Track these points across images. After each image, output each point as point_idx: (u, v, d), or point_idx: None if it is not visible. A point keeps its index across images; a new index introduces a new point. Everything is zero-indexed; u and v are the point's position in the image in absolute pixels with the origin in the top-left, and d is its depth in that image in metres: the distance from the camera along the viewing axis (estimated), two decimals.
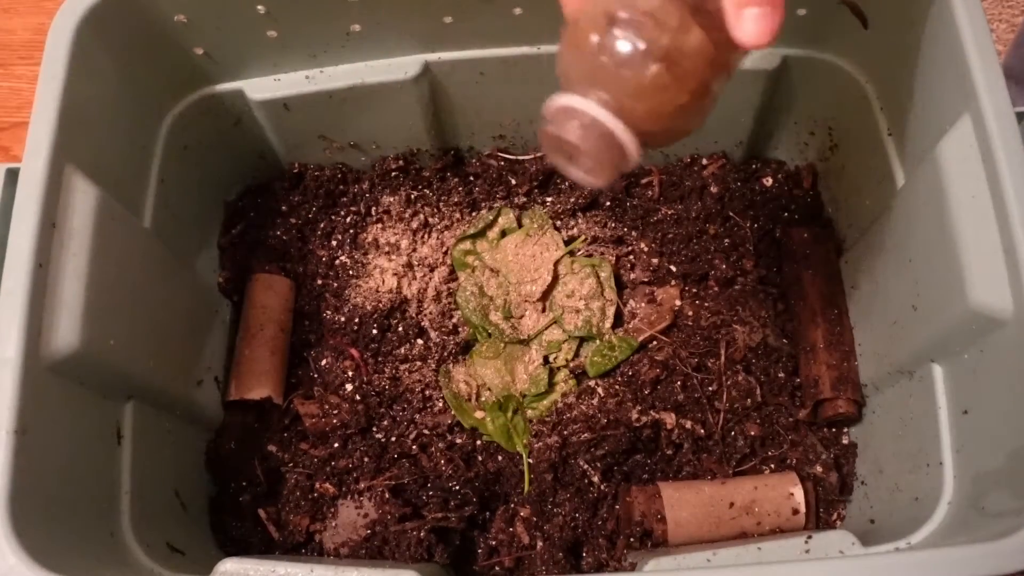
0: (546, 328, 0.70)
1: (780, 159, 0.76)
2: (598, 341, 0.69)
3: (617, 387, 0.67)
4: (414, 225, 0.74)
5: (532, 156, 0.75)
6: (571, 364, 0.69)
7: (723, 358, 0.67)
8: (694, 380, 0.66)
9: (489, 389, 0.68)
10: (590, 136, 0.38)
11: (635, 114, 0.38)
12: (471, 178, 0.76)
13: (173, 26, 0.58)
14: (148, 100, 0.62)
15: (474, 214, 0.75)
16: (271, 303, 0.69)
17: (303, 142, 0.72)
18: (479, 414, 0.67)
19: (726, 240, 0.72)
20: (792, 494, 0.60)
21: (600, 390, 0.67)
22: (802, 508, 0.59)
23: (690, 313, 0.69)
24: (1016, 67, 0.96)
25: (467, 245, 0.73)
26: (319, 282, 0.72)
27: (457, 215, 0.75)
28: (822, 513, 0.63)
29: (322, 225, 0.74)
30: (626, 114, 0.38)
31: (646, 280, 0.71)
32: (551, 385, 0.68)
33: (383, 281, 0.71)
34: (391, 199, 0.74)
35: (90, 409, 0.52)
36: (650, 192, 0.75)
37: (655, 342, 0.68)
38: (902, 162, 0.59)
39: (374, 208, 0.74)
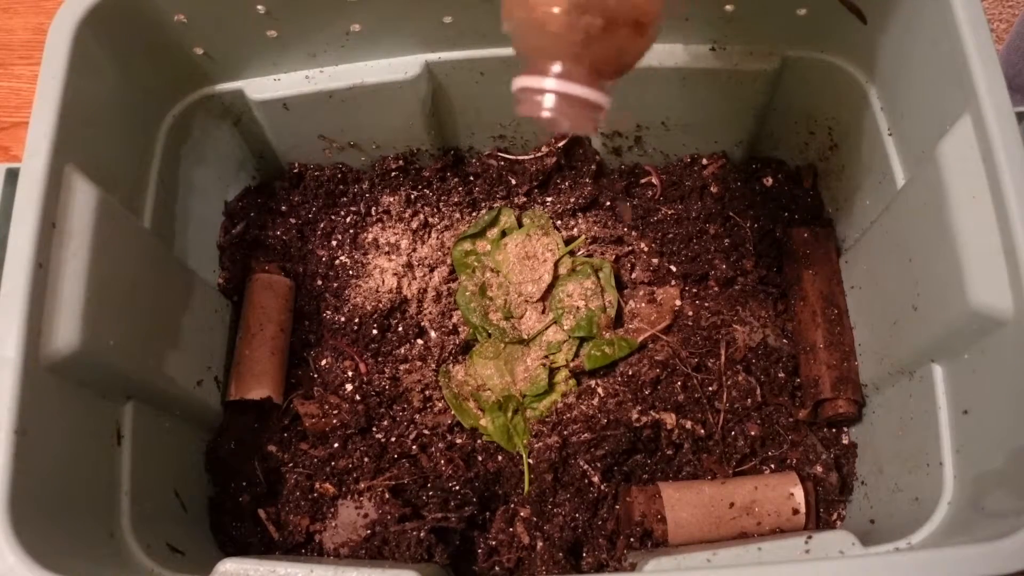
0: (546, 328, 0.70)
1: (780, 159, 0.76)
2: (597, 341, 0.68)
3: (617, 387, 0.67)
4: (414, 225, 0.74)
5: (532, 156, 0.75)
6: (571, 364, 0.69)
7: (723, 358, 0.67)
8: (694, 380, 0.66)
9: (489, 389, 0.68)
10: (558, 105, 0.40)
11: (587, 68, 0.40)
12: (471, 178, 0.76)
13: (173, 26, 0.58)
14: (148, 100, 0.62)
15: (474, 214, 0.75)
16: (271, 303, 0.69)
17: (303, 142, 0.72)
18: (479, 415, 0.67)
19: (726, 240, 0.72)
20: (792, 494, 0.59)
21: (600, 390, 0.67)
22: (802, 508, 0.59)
23: (690, 313, 0.69)
24: (1008, 72, 0.96)
25: (467, 245, 0.73)
26: (319, 282, 0.72)
27: (457, 215, 0.75)
28: (822, 513, 0.63)
29: (322, 225, 0.74)
30: (578, 73, 0.40)
31: (646, 280, 0.71)
32: (551, 385, 0.68)
33: (383, 281, 0.71)
34: (391, 199, 0.74)
35: (90, 409, 0.52)
36: (650, 192, 0.75)
37: (655, 342, 0.68)
38: (902, 162, 0.59)
39: (374, 208, 0.74)
